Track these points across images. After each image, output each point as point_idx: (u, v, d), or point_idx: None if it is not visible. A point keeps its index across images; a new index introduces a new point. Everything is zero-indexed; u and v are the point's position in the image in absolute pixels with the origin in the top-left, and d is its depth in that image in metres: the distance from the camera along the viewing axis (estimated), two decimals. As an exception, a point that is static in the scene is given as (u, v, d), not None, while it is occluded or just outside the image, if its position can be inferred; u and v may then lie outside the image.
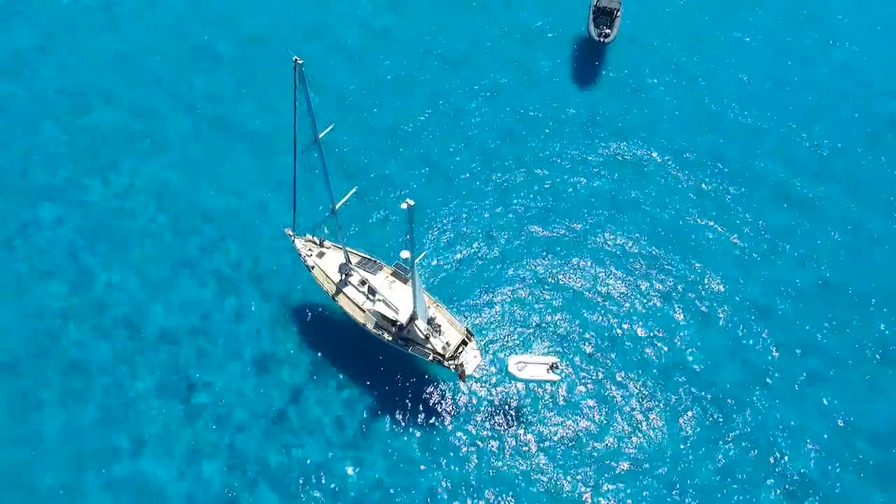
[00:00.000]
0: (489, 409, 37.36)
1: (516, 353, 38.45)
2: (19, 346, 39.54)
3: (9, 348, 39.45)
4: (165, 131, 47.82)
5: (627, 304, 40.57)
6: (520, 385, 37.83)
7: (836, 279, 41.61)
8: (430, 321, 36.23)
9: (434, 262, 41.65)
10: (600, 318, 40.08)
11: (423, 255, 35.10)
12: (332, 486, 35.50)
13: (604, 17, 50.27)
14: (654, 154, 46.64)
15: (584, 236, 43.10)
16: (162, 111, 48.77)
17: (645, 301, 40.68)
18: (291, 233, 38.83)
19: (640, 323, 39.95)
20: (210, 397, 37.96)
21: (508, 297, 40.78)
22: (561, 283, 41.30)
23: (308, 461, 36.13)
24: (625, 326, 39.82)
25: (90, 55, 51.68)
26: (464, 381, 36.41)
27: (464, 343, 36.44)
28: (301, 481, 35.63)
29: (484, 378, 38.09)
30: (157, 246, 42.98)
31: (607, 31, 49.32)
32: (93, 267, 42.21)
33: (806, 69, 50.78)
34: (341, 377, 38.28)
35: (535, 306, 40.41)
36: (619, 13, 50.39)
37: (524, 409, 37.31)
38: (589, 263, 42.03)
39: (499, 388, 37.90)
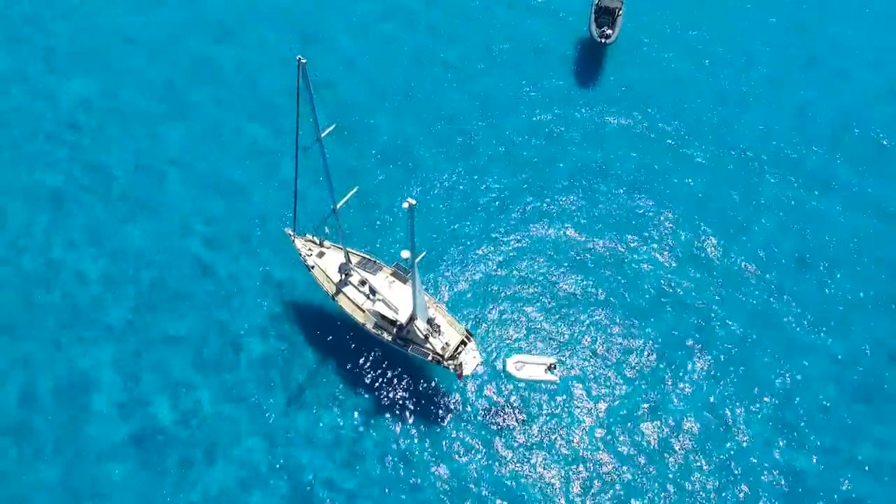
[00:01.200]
0: (487, 408, 37.35)
1: (515, 353, 38.47)
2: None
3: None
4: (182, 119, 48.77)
5: (627, 304, 40.59)
6: (518, 385, 37.82)
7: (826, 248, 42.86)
8: (430, 321, 36.19)
9: (434, 262, 41.63)
10: (599, 318, 40.09)
11: (423, 254, 35.08)
12: (331, 485, 35.49)
13: (605, 16, 50.05)
14: (660, 152, 46.79)
15: (584, 236, 43.13)
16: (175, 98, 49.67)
17: (644, 300, 40.71)
18: (291, 232, 38.79)
19: (640, 323, 39.98)
20: (207, 395, 37.92)
21: (508, 297, 40.76)
22: (560, 283, 41.29)
23: (306, 461, 36.09)
24: (624, 326, 39.85)
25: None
26: (461, 379, 36.36)
27: (463, 343, 36.42)
28: (299, 481, 35.61)
29: (483, 378, 38.09)
30: (152, 235, 43.37)
31: (608, 31, 49.13)
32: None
33: (809, 74, 50.99)
34: (340, 377, 38.25)
35: (535, 307, 40.41)
36: (620, 12, 50.23)
37: (522, 409, 37.30)
38: (589, 264, 42.04)
39: (497, 388, 37.88)
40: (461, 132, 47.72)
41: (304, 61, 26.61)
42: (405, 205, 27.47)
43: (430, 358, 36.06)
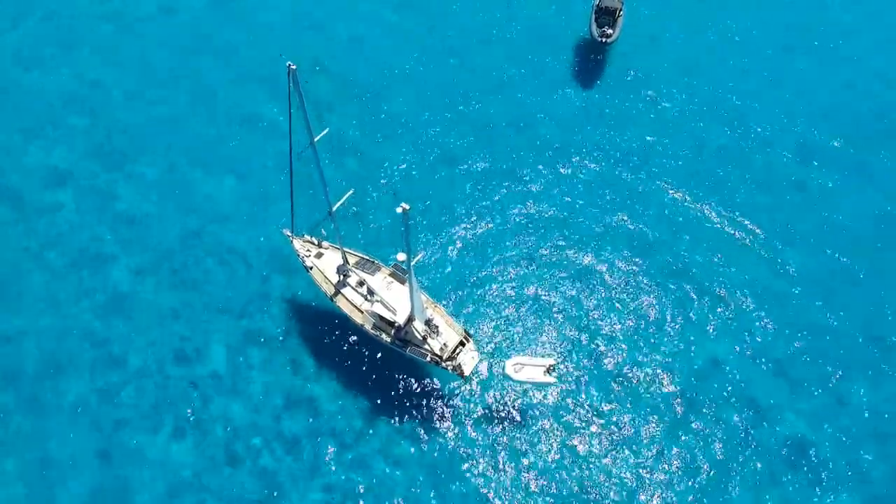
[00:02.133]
0: (486, 410, 37.43)
1: (514, 355, 38.51)
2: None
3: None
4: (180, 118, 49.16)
5: (628, 307, 40.53)
6: (517, 386, 37.85)
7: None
8: (428, 322, 36.24)
9: (432, 263, 41.70)
10: (599, 320, 40.07)
11: (419, 256, 35.23)
12: (328, 486, 35.71)
13: (606, 16, 49.96)
14: (660, 154, 46.71)
15: (585, 237, 43.09)
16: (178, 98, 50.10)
17: (644, 302, 40.66)
18: (290, 233, 38.95)
19: (639, 325, 39.92)
20: (205, 396, 38.18)
21: (507, 297, 40.79)
22: (560, 284, 41.28)
23: (304, 462, 36.33)
24: (624, 329, 39.82)
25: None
26: (464, 377, 36.38)
27: (461, 344, 36.48)
28: (296, 482, 35.83)
29: (481, 379, 38.15)
30: (149, 236, 43.71)
31: (609, 31, 49.06)
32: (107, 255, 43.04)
33: (809, 73, 50.87)
34: (338, 378, 38.41)
35: (534, 308, 40.43)
36: (621, 13, 50.13)
37: (520, 411, 37.36)
38: (590, 265, 42.00)
39: (496, 390, 37.95)
40: (460, 132, 47.73)
41: (293, 67, 26.73)
42: (399, 209, 27.60)
43: (428, 359, 36.17)
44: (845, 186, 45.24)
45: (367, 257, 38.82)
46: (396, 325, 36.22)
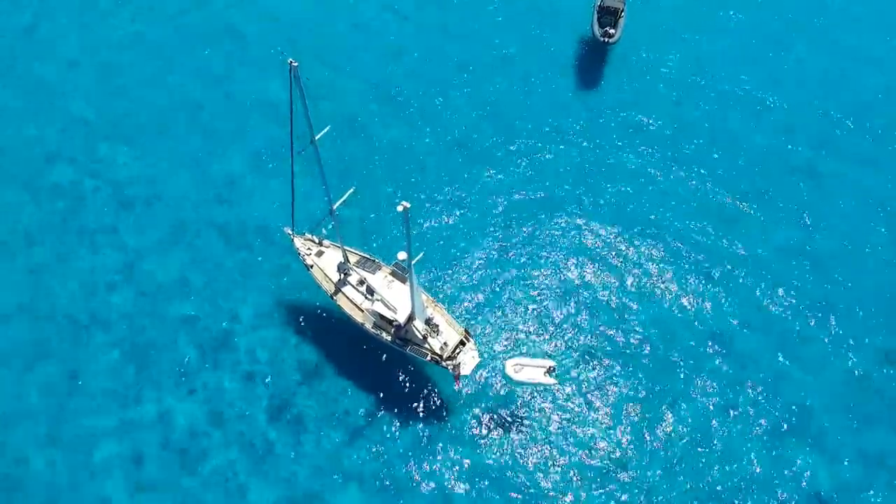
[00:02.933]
0: (485, 410, 37.40)
1: (514, 356, 38.47)
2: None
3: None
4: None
5: (629, 309, 40.49)
6: (517, 387, 37.81)
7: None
8: (428, 321, 36.24)
9: (433, 262, 41.69)
10: (600, 322, 40.02)
11: (420, 256, 35.21)
12: (326, 485, 35.67)
13: (608, 16, 49.97)
14: (657, 157, 46.63)
15: (586, 237, 43.05)
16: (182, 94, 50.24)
17: (646, 306, 40.61)
18: (291, 232, 38.94)
19: (640, 328, 39.87)
20: (205, 395, 38.17)
21: (508, 298, 40.77)
22: (562, 285, 41.26)
23: (303, 460, 36.31)
24: (624, 331, 39.76)
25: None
26: (458, 381, 36.44)
27: (462, 343, 36.45)
28: (293, 481, 35.83)
29: (481, 379, 38.12)
30: (150, 231, 43.80)
31: (611, 31, 49.06)
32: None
33: (817, 60, 51.32)
34: (338, 376, 38.39)
35: (535, 309, 40.41)
36: (623, 13, 50.10)
37: (520, 412, 37.34)
38: (591, 266, 41.97)
39: (495, 390, 37.93)
40: (460, 129, 47.70)
41: (295, 64, 26.69)
42: (399, 208, 27.50)
43: (428, 358, 36.15)
44: (845, 174, 45.56)
45: (368, 256, 38.81)
46: (397, 323, 36.19)
